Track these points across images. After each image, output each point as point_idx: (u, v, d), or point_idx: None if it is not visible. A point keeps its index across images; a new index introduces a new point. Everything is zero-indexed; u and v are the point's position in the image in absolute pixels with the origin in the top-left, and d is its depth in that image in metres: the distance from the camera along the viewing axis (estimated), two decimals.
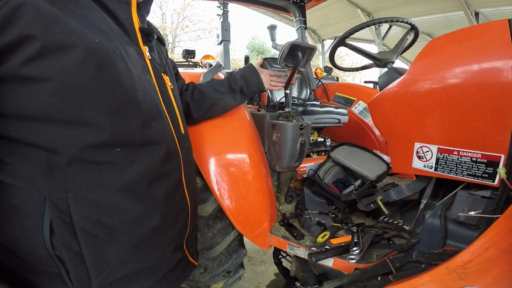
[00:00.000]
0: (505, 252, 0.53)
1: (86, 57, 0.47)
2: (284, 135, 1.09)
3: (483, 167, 0.70)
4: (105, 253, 0.56)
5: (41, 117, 0.47)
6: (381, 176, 1.17)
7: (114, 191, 0.55)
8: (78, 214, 0.52)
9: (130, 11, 0.60)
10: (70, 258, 0.53)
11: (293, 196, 1.40)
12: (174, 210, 0.69)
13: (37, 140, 0.48)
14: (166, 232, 0.67)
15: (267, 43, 18.31)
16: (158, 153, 0.62)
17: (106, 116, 0.51)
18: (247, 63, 2.20)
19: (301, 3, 2.20)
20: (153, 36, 0.66)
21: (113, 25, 0.56)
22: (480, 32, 0.71)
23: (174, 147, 0.69)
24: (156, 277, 0.69)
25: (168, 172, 0.66)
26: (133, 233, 0.59)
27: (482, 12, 6.26)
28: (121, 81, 0.53)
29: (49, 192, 0.50)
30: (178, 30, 16.37)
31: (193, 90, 0.99)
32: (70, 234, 0.52)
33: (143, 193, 0.59)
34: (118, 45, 0.54)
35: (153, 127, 0.60)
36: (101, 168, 0.53)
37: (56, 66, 0.45)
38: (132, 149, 0.57)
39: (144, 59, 0.63)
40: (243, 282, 1.82)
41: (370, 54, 1.17)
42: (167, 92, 0.71)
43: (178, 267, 0.76)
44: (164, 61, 0.76)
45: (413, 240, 0.86)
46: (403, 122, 0.86)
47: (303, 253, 0.99)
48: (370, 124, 1.87)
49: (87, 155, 0.51)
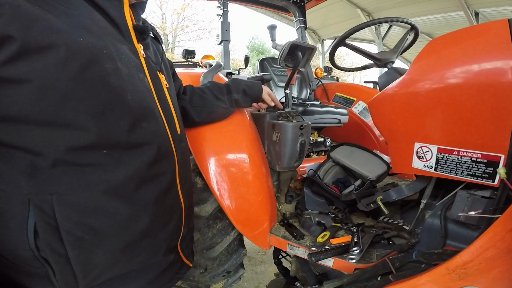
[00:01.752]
0: (505, 252, 0.53)
1: (68, 57, 0.46)
2: (284, 135, 1.09)
3: (483, 167, 0.70)
4: (91, 256, 0.55)
5: (23, 118, 0.46)
6: (381, 176, 1.17)
7: (100, 194, 0.54)
8: (63, 216, 0.51)
9: (122, 9, 0.59)
10: (55, 260, 0.53)
11: (293, 196, 1.40)
12: (165, 212, 0.68)
13: (20, 142, 0.47)
14: (157, 235, 0.66)
15: (267, 43, 18.31)
16: (147, 155, 0.60)
17: (90, 118, 0.50)
18: (247, 63, 2.22)
19: (301, 3, 2.20)
20: (148, 34, 0.65)
21: (103, 23, 0.55)
22: (480, 32, 0.71)
23: (168, 148, 0.67)
24: (147, 278, 0.68)
25: (159, 174, 0.65)
26: (121, 236, 0.58)
27: (482, 12, 6.26)
28: (107, 81, 0.51)
29: (33, 195, 0.50)
30: (178, 30, 16.38)
31: (192, 94, 0.98)
32: (55, 237, 0.52)
33: (130, 195, 0.58)
34: (107, 43, 0.53)
35: (143, 128, 0.59)
36: (86, 170, 0.52)
37: (37, 67, 0.44)
38: (119, 151, 0.55)
39: (138, 57, 0.62)
40: (243, 282, 1.82)
41: (370, 54, 1.17)
42: (162, 91, 0.70)
43: (171, 269, 0.75)
44: (159, 60, 0.74)
45: (413, 240, 0.86)
46: (403, 122, 0.86)
47: (303, 253, 0.99)
48: (370, 124, 1.87)
49: (71, 157, 0.50)
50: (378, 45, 8.21)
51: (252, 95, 1.08)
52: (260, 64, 2.21)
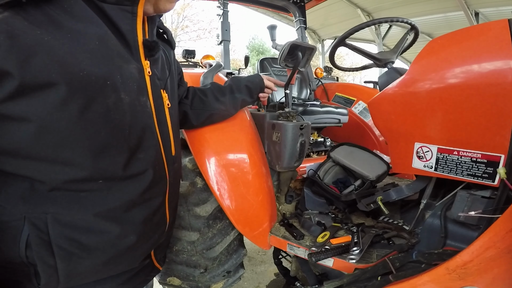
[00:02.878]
0: (505, 252, 0.53)
1: (69, 96, 0.44)
2: (284, 135, 1.09)
3: (483, 167, 0.70)
4: (77, 266, 0.57)
5: (22, 154, 0.46)
6: (381, 176, 1.17)
7: (92, 216, 0.55)
8: (56, 233, 0.53)
9: (135, 23, 0.55)
10: (44, 270, 0.54)
11: (293, 196, 1.40)
12: (152, 229, 0.69)
13: (19, 172, 0.48)
14: (139, 248, 0.67)
15: (267, 43, 18.31)
16: (141, 184, 0.61)
17: (88, 157, 0.50)
18: (247, 63, 2.22)
19: (301, 3, 2.20)
20: (157, 51, 0.62)
21: (112, 42, 0.51)
22: (480, 32, 0.71)
23: (162, 171, 0.67)
24: (121, 280, 0.70)
25: (151, 197, 0.65)
26: (108, 251, 0.60)
27: (482, 12, 6.25)
28: (107, 119, 0.51)
29: (29, 213, 0.51)
30: (178, 30, 16.36)
31: (193, 96, 0.96)
32: (46, 250, 0.53)
33: (121, 217, 0.59)
34: (113, 70, 0.51)
35: (139, 160, 0.59)
36: (81, 195, 0.53)
37: (36, 106, 0.42)
38: (114, 181, 0.56)
39: (143, 76, 0.59)
40: (243, 282, 1.82)
41: (370, 54, 1.17)
42: (163, 112, 0.68)
43: (143, 272, 0.77)
44: (166, 75, 0.71)
45: (413, 240, 0.86)
46: (403, 122, 0.86)
47: (303, 253, 0.99)
48: (370, 124, 1.87)
49: (69, 186, 0.51)
50: (378, 45, 8.21)
51: (256, 88, 1.08)
52: (260, 64, 2.21)
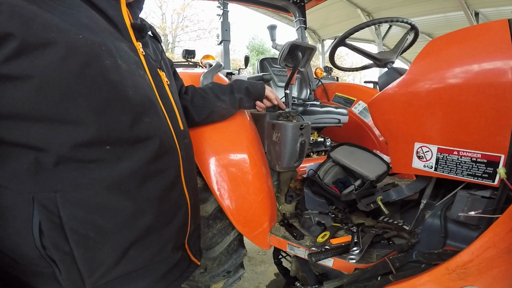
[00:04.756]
0: (505, 252, 0.53)
1: (68, 53, 0.46)
2: (284, 135, 1.09)
3: (483, 167, 0.70)
4: (97, 254, 0.56)
5: (25, 116, 0.46)
6: (381, 176, 1.17)
7: (104, 190, 0.54)
8: (67, 214, 0.52)
9: (120, 8, 0.59)
10: (61, 259, 0.53)
11: (293, 196, 1.40)
12: (171, 208, 0.68)
13: (22, 139, 0.47)
14: (162, 231, 0.66)
15: (267, 43, 18.31)
16: (150, 150, 0.60)
17: (91, 114, 0.50)
18: (247, 63, 2.22)
19: (301, 3, 2.20)
20: (146, 32, 0.66)
21: (102, 22, 0.55)
22: (480, 32, 0.71)
23: (171, 143, 0.67)
24: (154, 277, 0.68)
25: (163, 169, 0.64)
26: (125, 233, 0.58)
27: (482, 12, 6.26)
28: (108, 78, 0.52)
29: (37, 193, 0.50)
30: (178, 30, 16.39)
31: (193, 94, 0.98)
32: (59, 235, 0.52)
33: (134, 191, 0.58)
34: (106, 40, 0.53)
35: (145, 123, 0.59)
36: (89, 166, 0.52)
37: (37, 64, 0.44)
38: (122, 146, 0.55)
39: (137, 55, 0.62)
40: (243, 282, 1.82)
41: (370, 54, 1.17)
42: (163, 88, 0.70)
43: (179, 267, 0.75)
44: (159, 58, 0.74)
45: (413, 240, 0.86)
46: (403, 122, 0.86)
47: (303, 253, 0.99)
48: (370, 124, 1.87)
49: (75, 153, 0.51)
50: (378, 45, 8.21)
51: (255, 93, 1.08)
52: (260, 64, 2.21)
